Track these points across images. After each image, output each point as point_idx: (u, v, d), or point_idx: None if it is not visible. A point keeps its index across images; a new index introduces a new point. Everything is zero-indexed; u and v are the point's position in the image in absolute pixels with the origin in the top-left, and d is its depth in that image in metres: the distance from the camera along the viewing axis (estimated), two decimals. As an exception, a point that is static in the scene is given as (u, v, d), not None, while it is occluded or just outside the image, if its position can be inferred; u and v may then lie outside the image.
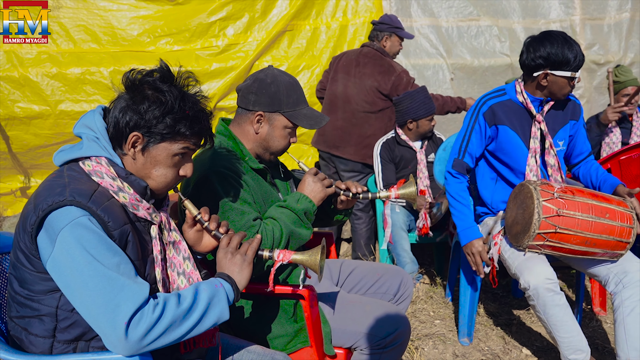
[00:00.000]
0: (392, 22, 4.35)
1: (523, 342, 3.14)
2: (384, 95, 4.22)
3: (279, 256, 1.75)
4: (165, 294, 1.48)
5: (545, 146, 2.77)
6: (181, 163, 1.64)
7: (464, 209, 2.86)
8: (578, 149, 2.93)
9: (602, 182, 2.78)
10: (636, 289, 2.47)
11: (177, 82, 1.62)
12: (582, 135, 2.93)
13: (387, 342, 2.11)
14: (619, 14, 5.18)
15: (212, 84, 4.90)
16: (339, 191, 2.25)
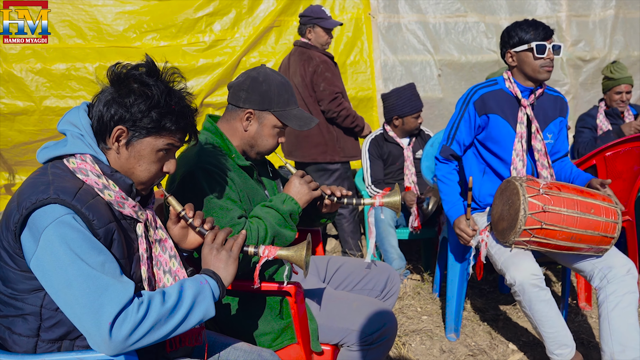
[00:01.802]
0: (313, 14, 4.24)
1: (509, 337, 3.16)
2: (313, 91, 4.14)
3: (264, 252, 1.74)
4: (150, 292, 1.47)
5: (532, 131, 2.79)
6: (165, 159, 1.62)
7: (449, 189, 2.90)
8: (557, 146, 2.96)
9: (576, 177, 2.83)
10: (620, 284, 2.48)
11: (162, 77, 1.61)
12: (563, 134, 2.97)
13: (374, 339, 2.11)
14: (603, 11, 5.22)
15: (199, 80, 4.88)
16: (324, 195, 2.26)
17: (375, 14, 5.04)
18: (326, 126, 4.19)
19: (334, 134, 4.20)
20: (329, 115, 4.14)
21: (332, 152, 4.20)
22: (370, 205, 2.34)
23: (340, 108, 4.10)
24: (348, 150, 4.26)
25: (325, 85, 4.07)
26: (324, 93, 4.07)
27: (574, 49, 5.14)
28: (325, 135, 4.18)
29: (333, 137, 4.20)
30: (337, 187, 2.31)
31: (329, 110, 4.10)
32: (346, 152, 4.25)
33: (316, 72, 4.08)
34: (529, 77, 2.76)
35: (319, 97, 4.10)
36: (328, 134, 4.19)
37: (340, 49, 5.02)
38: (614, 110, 4.28)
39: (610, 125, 4.30)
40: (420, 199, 3.90)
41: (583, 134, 4.35)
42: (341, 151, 4.22)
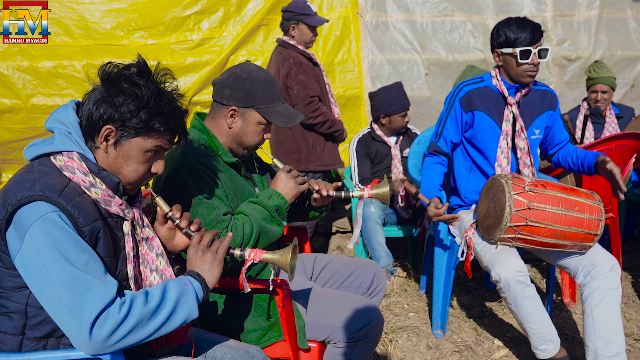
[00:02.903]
0: (298, 9, 4.01)
1: (495, 333, 3.20)
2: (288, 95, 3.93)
3: (250, 255, 1.74)
4: (132, 292, 1.47)
5: (517, 129, 2.82)
6: (153, 160, 1.62)
7: (429, 176, 2.90)
8: (557, 138, 2.98)
9: (583, 157, 2.81)
10: (604, 281, 2.52)
11: (153, 78, 1.61)
12: (560, 125, 2.99)
13: (360, 335, 2.13)
14: (588, 11, 5.27)
15: (187, 78, 4.86)
16: (312, 189, 2.27)
17: (363, 12, 5.06)
18: (301, 132, 3.97)
19: (309, 140, 3.99)
20: (304, 121, 3.90)
21: (306, 161, 4.00)
22: (360, 197, 2.35)
23: (317, 113, 3.90)
24: (325, 159, 4.06)
25: (299, 88, 3.87)
26: (298, 97, 3.87)
27: (559, 49, 5.19)
28: (300, 142, 3.98)
29: (308, 144, 3.99)
30: (325, 182, 2.32)
31: (305, 116, 3.87)
32: (323, 161, 4.04)
33: (289, 75, 3.89)
34: (512, 79, 2.79)
35: (293, 101, 3.89)
36: (303, 141, 3.98)
37: (328, 48, 5.03)
38: (597, 109, 4.33)
39: (591, 124, 4.35)
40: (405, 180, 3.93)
41: None
42: (317, 160, 4.02)
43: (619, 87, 5.30)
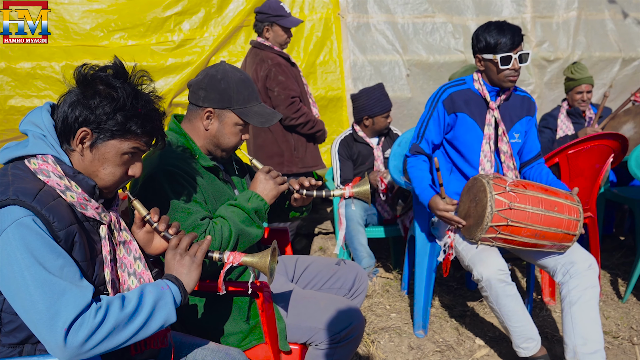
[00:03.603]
0: (272, 10, 3.94)
1: (476, 332, 3.22)
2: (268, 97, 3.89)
3: (228, 258, 1.74)
4: (109, 297, 1.46)
5: (499, 133, 2.84)
6: (130, 162, 1.61)
7: (419, 175, 2.89)
8: (529, 146, 3.00)
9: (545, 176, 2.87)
10: (582, 279, 2.55)
11: (130, 80, 1.59)
12: (534, 133, 3.01)
13: (342, 337, 2.13)
14: (566, 12, 5.33)
15: (168, 79, 4.83)
16: (292, 189, 2.26)
17: (345, 14, 5.06)
18: (282, 134, 3.93)
19: (291, 142, 3.96)
20: (287, 123, 3.87)
21: (289, 163, 3.96)
22: (341, 196, 2.35)
23: (299, 114, 3.86)
24: (307, 160, 4.02)
25: (280, 89, 3.82)
26: (279, 98, 3.82)
27: (538, 50, 5.24)
28: (282, 144, 3.94)
29: (290, 146, 3.95)
30: (306, 178, 2.31)
31: (287, 117, 3.83)
32: (305, 163, 4.01)
33: (269, 77, 3.84)
34: (494, 83, 2.81)
35: (274, 102, 3.84)
36: (284, 143, 3.94)
37: (309, 49, 5.02)
38: (576, 109, 4.38)
39: (571, 124, 4.40)
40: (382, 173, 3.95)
41: (544, 133, 4.45)
42: (299, 162, 3.98)
43: (597, 87, 5.36)
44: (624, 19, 5.46)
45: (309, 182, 2.31)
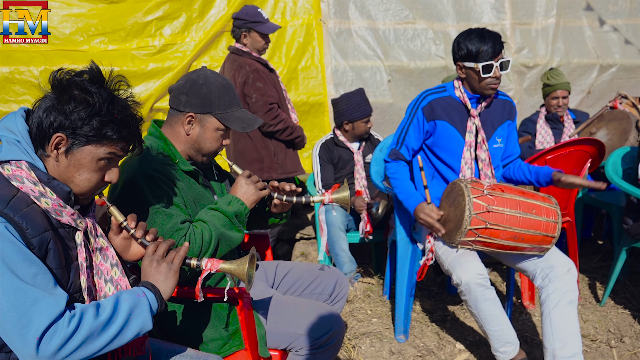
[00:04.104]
0: (249, 17, 3.90)
1: (457, 337, 3.23)
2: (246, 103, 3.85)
3: (206, 265, 1.72)
4: (83, 305, 1.44)
5: (478, 140, 2.86)
6: (107, 168, 1.59)
7: (402, 182, 2.89)
8: (509, 150, 3.03)
9: (536, 173, 2.86)
10: (561, 283, 2.57)
11: (107, 85, 1.58)
12: (514, 137, 3.04)
13: (322, 342, 2.13)
14: (545, 19, 5.40)
15: (149, 84, 4.81)
16: (272, 194, 2.26)
17: (326, 19, 5.08)
18: (262, 140, 3.91)
19: (270, 148, 3.94)
20: (265, 129, 3.85)
21: (269, 169, 3.93)
22: (320, 202, 2.35)
23: (277, 120, 3.84)
24: (287, 166, 4.00)
25: (258, 96, 3.79)
26: (258, 104, 3.79)
27: (518, 56, 5.30)
28: (261, 150, 3.92)
29: (270, 152, 3.93)
30: (287, 183, 2.31)
31: (265, 124, 3.82)
32: (285, 168, 3.99)
33: (246, 83, 3.81)
34: (475, 90, 2.83)
35: (252, 109, 3.80)
36: (264, 149, 3.93)
37: (291, 54, 5.03)
38: (554, 115, 4.44)
39: (550, 129, 4.46)
40: (369, 204, 3.95)
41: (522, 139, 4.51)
42: (279, 167, 3.96)
43: (576, 93, 5.44)
44: (601, 27, 5.55)
45: (289, 187, 2.31)
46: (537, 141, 4.47)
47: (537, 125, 4.49)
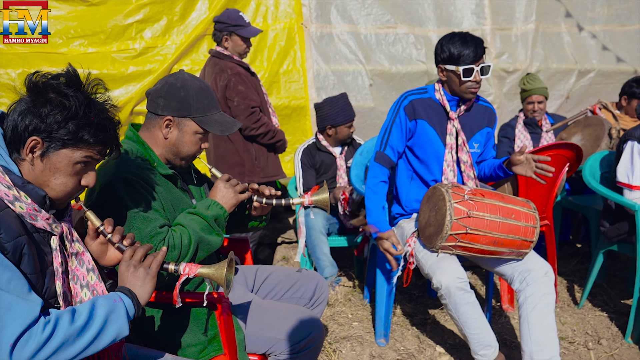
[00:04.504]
0: (230, 20, 3.89)
1: (437, 340, 3.25)
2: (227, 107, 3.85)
3: (184, 270, 1.71)
4: (58, 311, 1.42)
5: (459, 143, 2.88)
6: (83, 172, 1.57)
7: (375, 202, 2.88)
8: (485, 154, 3.07)
9: (492, 164, 2.95)
10: (539, 286, 2.60)
11: (84, 88, 1.56)
12: (491, 143, 3.08)
13: (301, 347, 2.12)
14: (525, 25, 5.46)
15: (129, 87, 4.77)
16: (252, 197, 2.25)
17: (308, 24, 5.09)
18: (243, 144, 3.91)
19: (252, 152, 3.93)
20: (247, 133, 3.85)
21: (250, 173, 3.93)
22: (300, 205, 2.35)
23: (259, 124, 3.84)
24: (268, 170, 4.00)
25: (240, 99, 3.79)
26: (239, 108, 3.79)
27: (498, 61, 5.36)
28: (242, 154, 3.91)
29: (251, 156, 3.93)
30: (266, 187, 2.30)
31: (247, 127, 3.82)
32: (266, 172, 3.99)
33: (228, 87, 3.80)
34: (455, 94, 2.85)
35: (234, 112, 3.80)
36: (245, 153, 3.92)
37: (273, 58, 5.03)
38: (533, 119, 4.49)
39: (528, 134, 4.51)
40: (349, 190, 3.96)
41: (502, 143, 4.55)
42: (260, 171, 3.96)
43: (555, 98, 5.51)
44: (580, 32, 5.63)
45: (269, 191, 2.30)
46: (516, 145, 4.51)
47: (515, 130, 4.54)
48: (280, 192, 2.37)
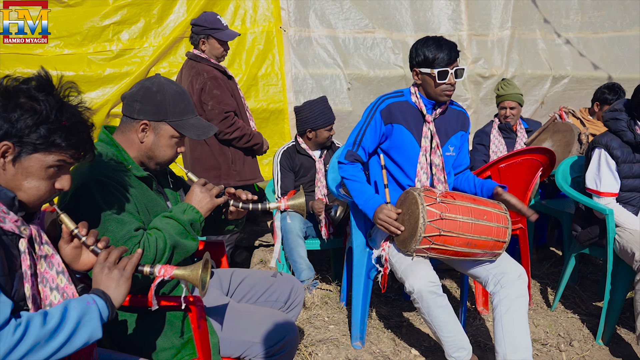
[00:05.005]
0: (208, 23, 3.90)
1: (412, 343, 3.27)
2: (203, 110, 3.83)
3: (160, 271, 1.71)
4: (29, 313, 1.41)
5: (432, 146, 2.91)
6: (56, 175, 1.56)
7: (361, 186, 2.90)
8: (459, 160, 3.09)
9: (481, 185, 2.93)
10: (512, 289, 2.64)
11: (56, 92, 1.55)
12: (465, 149, 3.10)
13: (276, 350, 2.13)
14: (500, 31, 5.54)
15: (106, 89, 4.73)
16: (228, 201, 2.26)
17: (287, 27, 5.10)
18: (219, 147, 3.90)
19: (228, 155, 3.93)
20: (221, 137, 3.84)
21: (226, 176, 3.92)
22: (277, 209, 2.35)
23: (233, 128, 3.83)
24: (245, 174, 4.00)
25: (214, 103, 3.78)
26: (213, 112, 3.78)
27: (474, 66, 5.42)
28: (218, 157, 3.91)
29: (227, 159, 3.93)
30: (243, 191, 2.31)
31: (221, 132, 3.81)
32: (242, 176, 3.99)
33: (204, 90, 3.79)
34: (430, 97, 2.88)
35: (208, 116, 3.78)
36: (221, 156, 3.91)
37: (251, 61, 5.03)
38: (507, 124, 4.55)
39: (503, 139, 4.57)
40: (328, 206, 3.98)
41: (477, 152, 4.61)
42: (237, 175, 3.96)
43: (530, 103, 5.60)
44: (554, 39, 5.72)
45: (245, 196, 2.31)
46: (491, 150, 4.57)
47: (490, 136, 4.60)
48: (257, 196, 2.37)
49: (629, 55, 5.84)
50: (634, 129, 3.21)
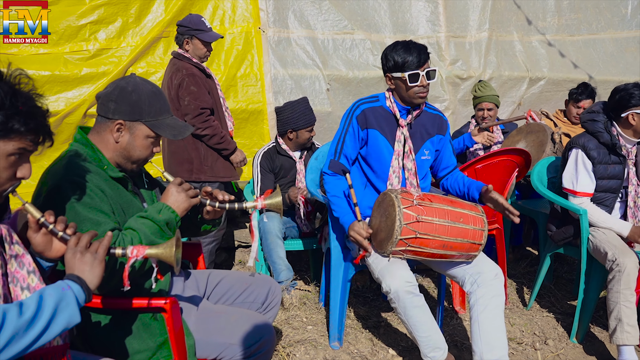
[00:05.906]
0: (192, 24, 4.05)
1: (390, 343, 3.29)
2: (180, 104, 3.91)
3: (132, 252, 1.69)
4: (5, 305, 1.38)
5: (405, 150, 2.93)
6: (18, 164, 1.53)
7: (341, 202, 2.94)
8: (445, 162, 3.11)
9: (469, 185, 2.96)
10: (488, 288, 2.67)
11: (6, 79, 1.52)
12: (449, 150, 3.12)
13: (252, 351, 2.12)
14: (478, 33, 5.59)
15: (82, 89, 4.68)
16: (205, 201, 2.24)
17: (265, 28, 5.09)
18: (192, 142, 3.97)
19: (201, 151, 3.99)
20: (193, 131, 3.76)
21: (198, 171, 4.00)
22: (254, 208, 2.35)
23: (206, 125, 3.90)
24: (217, 170, 4.06)
25: (190, 99, 3.87)
26: (189, 107, 3.87)
27: (452, 68, 5.46)
28: (191, 152, 3.99)
29: (200, 154, 4.00)
30: (219, 191, 2.30)
31: (193, 126, 3.85)
32: (215, 172, 4.05)
33: (181, 86, 3.89)
34: (405, 101, 2.90)
35: (183, 111, 3.88)
36: (194, 151, 3.99)
37: (230, 62, 5.01)
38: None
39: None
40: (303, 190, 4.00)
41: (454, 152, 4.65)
42: (209, 170, 4.02)
43: (507, 105, 5.65)
44: (531, 41, 5.79)
45: (222, 196, 2.30)
46: (468, 151, 4.61)
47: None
48: (235, 195, 2.36)
49: (604, 57, 5.93)
50: (611, 131, 3.26)
